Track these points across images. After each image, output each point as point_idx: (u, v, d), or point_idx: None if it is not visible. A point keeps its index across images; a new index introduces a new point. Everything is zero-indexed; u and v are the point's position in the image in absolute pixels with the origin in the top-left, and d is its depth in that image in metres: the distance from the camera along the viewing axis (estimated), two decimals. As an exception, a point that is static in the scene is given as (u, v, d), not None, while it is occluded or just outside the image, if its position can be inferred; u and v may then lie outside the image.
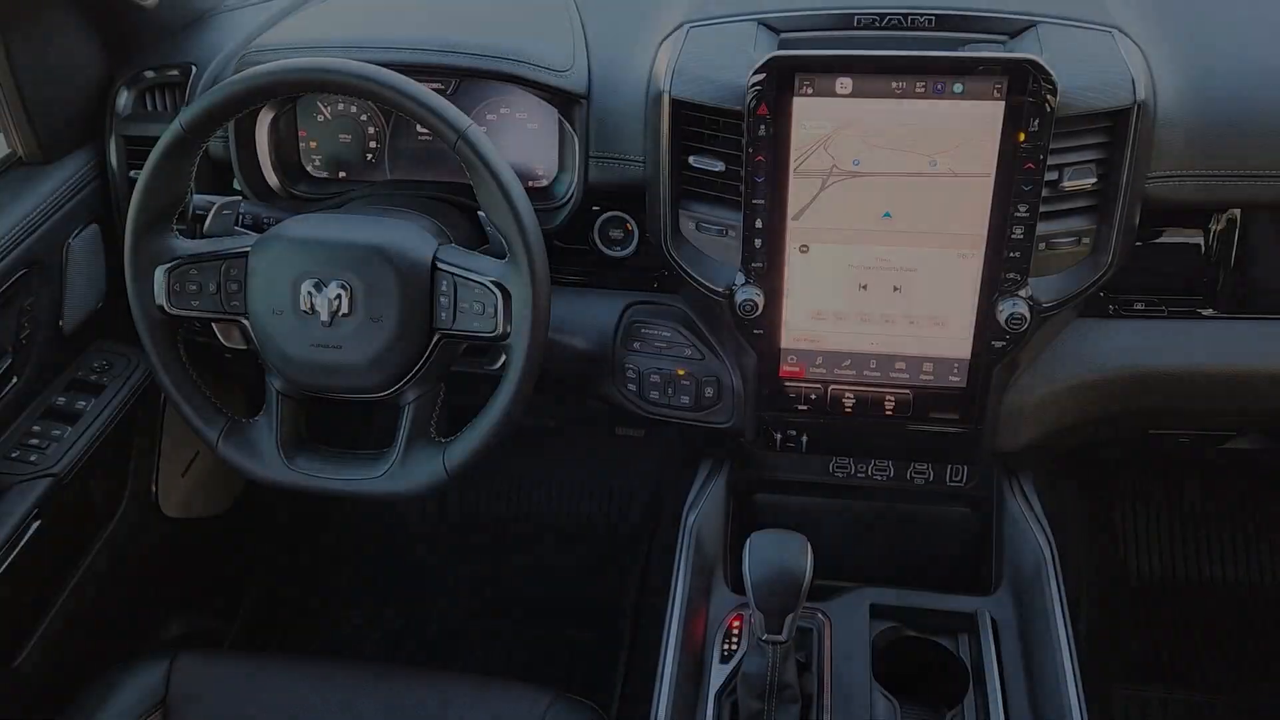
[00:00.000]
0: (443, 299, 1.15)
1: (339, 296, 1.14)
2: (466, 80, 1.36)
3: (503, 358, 1.17)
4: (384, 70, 1.10)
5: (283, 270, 1.16)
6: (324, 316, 1.14)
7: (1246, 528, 2.06)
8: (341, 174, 1.46)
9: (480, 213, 1.16)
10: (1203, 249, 1.27)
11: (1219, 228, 1.25)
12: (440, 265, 1.15)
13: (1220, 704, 1.84)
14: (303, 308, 1.15)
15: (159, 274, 1.19)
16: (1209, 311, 1.29)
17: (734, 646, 1.25)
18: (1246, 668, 1.92)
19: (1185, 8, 1.31)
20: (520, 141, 1.39)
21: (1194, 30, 1.26)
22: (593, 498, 2.25)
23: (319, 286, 1.14)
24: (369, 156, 1.45)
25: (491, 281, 1.13)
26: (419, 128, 1.42)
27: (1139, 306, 1.29)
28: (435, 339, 1.17)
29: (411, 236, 1.17)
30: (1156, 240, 1.27)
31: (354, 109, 1.43)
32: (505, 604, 2.09)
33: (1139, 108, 1.12)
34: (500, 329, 1.13)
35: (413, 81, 1.11)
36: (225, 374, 1.65)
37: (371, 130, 1.44)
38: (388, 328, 1.15)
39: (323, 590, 2.12)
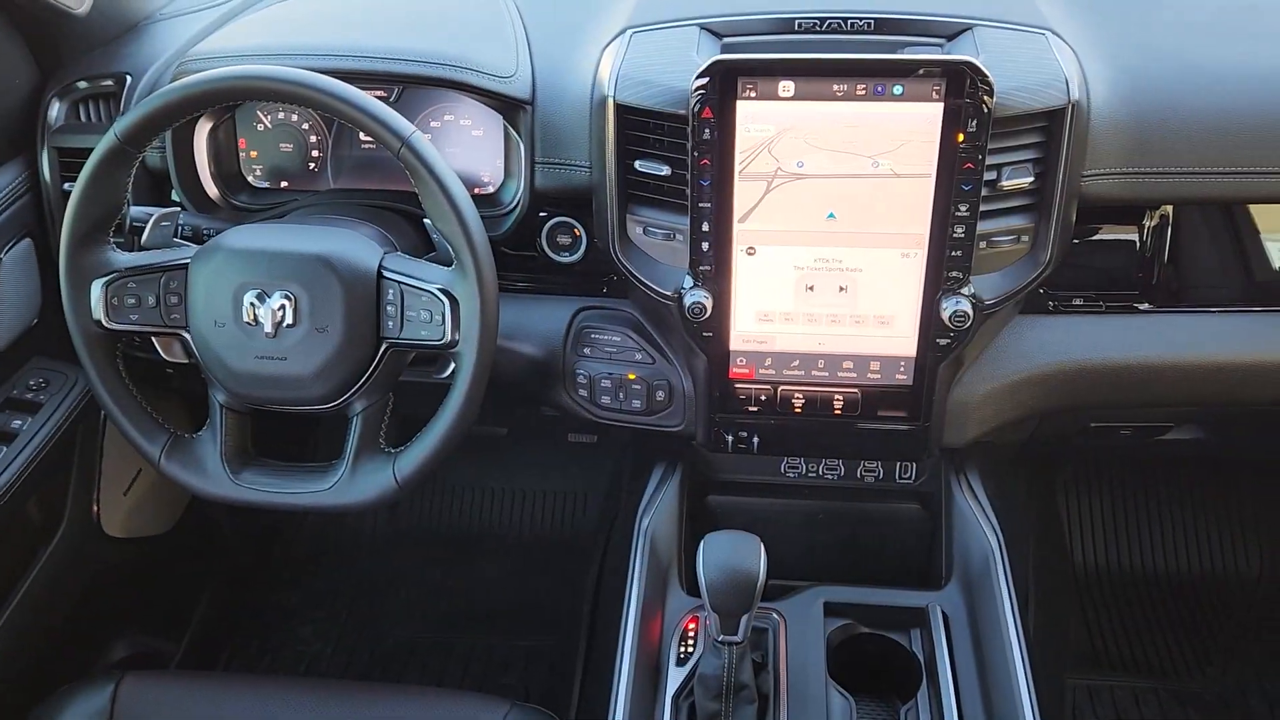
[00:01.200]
0: (389, 308, 1.14)
1: (283, 307, 1.13)
2: (410, 87, 1.35)
3: (452, 366, 1.16)
4: (325, 77, 1.09)
5: (224, 281, 1.14)
6: (268, 328, 1.13)
7: (1186, 517, 2.11)
8: (283, 184, 1.44)
9: (426, 220, 1.15)
10: (1137, 245, 1.30)
11: (1152, 224, 1.28)
12: (386, 274, 1.14)
13: (1164, 689, 1.89)
14: (245, 319, 1.13)
15: (96, 288, 1.16)
16: (1145, 306, 1.32)
17: (690, 648, 1.25)
18: (1190, 652, 1.97)
19: (1115, 10, 1.34)
20: (465, 148, 1.38)
21: (1124, 32, 1.30)
22: (546, 505, 2.25)
23: (262, 297, 1.13)
24: (311, 166, 1.43)
25: (439, 289, 1.12)
26: (362, 136, 1.41)
27: (1077, 302, 1.32)
28: (382, 348, 1.16)
29: (356, 245, 1.16)
30: (1093, 237, 1.30)
31: (295, 117, 1.42)
32: (460, 615, 2.08)
33: (1073, 108, 1.15)
34: (449, 337, 1.13)
35: (354, 89, 1.10)
36: (166, 389, 1.62)
37: (314, 139, 1.42)
38: (333, 338, 1.13)
39: (272, 606, 2.08)
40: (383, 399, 1.20)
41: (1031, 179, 1.17)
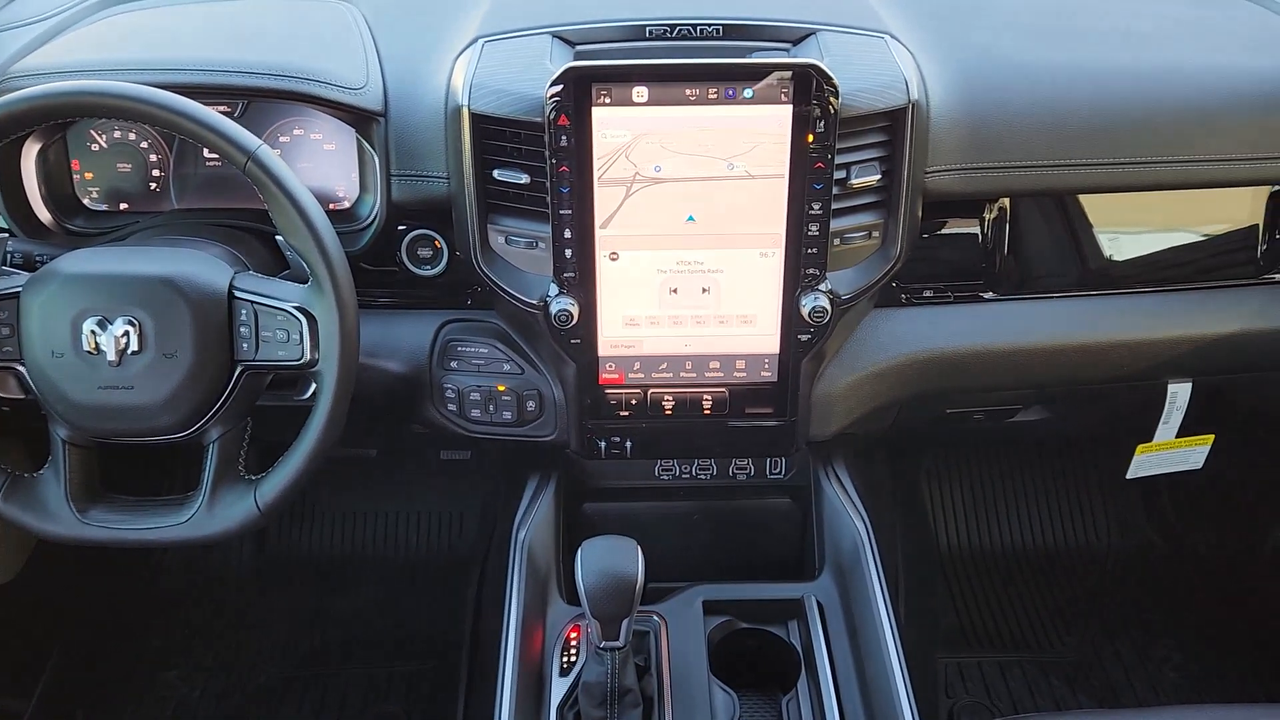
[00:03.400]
0: (243, 329, 1.11)
1: (126, 334, 1.07)
2: (255, 101, 1.30)
3: (312, 387, 1.13)
4: (162, 91, 1.05)
5: (60, 309, 1.08)
6: (111, 356, 1.07)
7: (1038, 494, 2.23)
8: (123, 205, 1.37)
9: (278, 237, 1.12)
10: (980, 237, 1.37)
11: (991, 216, 1.35)
12: (238, 293, 1.10)
13: (1028, 660, 1.98)
14: (86, 348, 1.08)
15: (-85, 322, 1.08)
16: (989, 295, 1.39)
17: (573, 658, 1.25)
18: (1049, 623, 2.07)
19: (949, 14, 1.41)
20: (318, 163, 1.35)
21: (957, 35, 1.36)
22: (421, 526, 2.20)
23: (103, 324, 1.07)
24: (153, 186, 1.37)
25: (294, 307, 1.09)
26: (206, 152, 1.36)
27: (928, 294, 1.38)
28: (237, 372, 1.12)
29: (204, 265, 1.12)
30: (940, 231, 1.36)
31: (132, 135, 1.35)
32: (337, 645, 2.02)
33: (913, 107, 1.20)
34: (307, 356, 1.09)
35: (194, 103, 1.06)
36: (1, 427, 1.52)
37: (154, 158, 1.36)
38: (183, 364, 1.09)
39: (132, 652, 1.97)
40: (240, 425, 1.15)
41: (879, 177, 1.22)
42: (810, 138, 1.16)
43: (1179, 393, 1.50)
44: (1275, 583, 2.01)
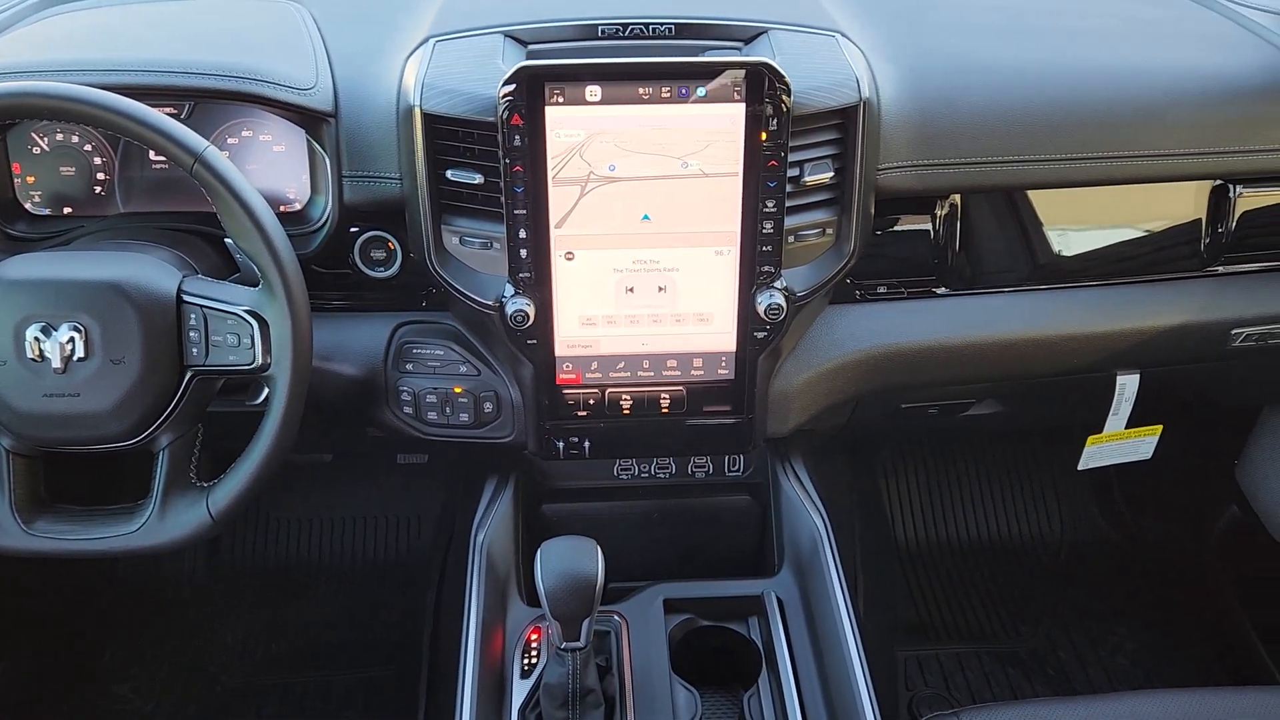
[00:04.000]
0: (192, 334, 1.09)
1: (72, 340, 1.05)
2: (203, 103, 1.28)
3: (265, 391, 1.12)
4: (103, 92, 1.03)
5: (2, 316, 1.06)
6: (56, 363, 1.05)
7: (993, 487, 2.26)
8: (67, 210, 1.34)
9: (227, 240, 1.10)
10: (932, 234, 1.38)
11: (943, 213, 1.37)
12: (186, 298, 1.08)
13: (985, 652, 2.01)
14: (30, 355, 1.05)
15: None
16: (942, 290, 1.41)
17: (534, 659, 1.24)
18: (1005, 615, 2.10)
19: (898, 13, 1.42)
20: (267, 165, 1.33)
21: (907, 33, 1.38)
22: (379, 531, 2.18)
23: (48, 331, 1.05)
24: (98, 190, 1.34)
25: (245, 311, 1.07)
26: (152, 154, 1.33)
27: (882, 290, 1.39)
28: (187, 377, 1.10)
29: (151, 269, 1.10)
30: (893, 228, 1.37)
31: (75, 138, 1.32)
32: (294, 653, 1.99)
33: (864, 105, 1.21)
34: (259, 360, 1.08)
35: (138, 104, 1.04)
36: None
37: (98, 161, 1.33)
38: (131, 370, 1.07)
39: (85, 664, 1.93)
40: (191, 431, 1.13)
41: (832, 174, 1.23)
42: (763, 136, 1.16)
43: (1127, 384, 1.52)
44: (1222, 570, 2.05)
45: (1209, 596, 2.05)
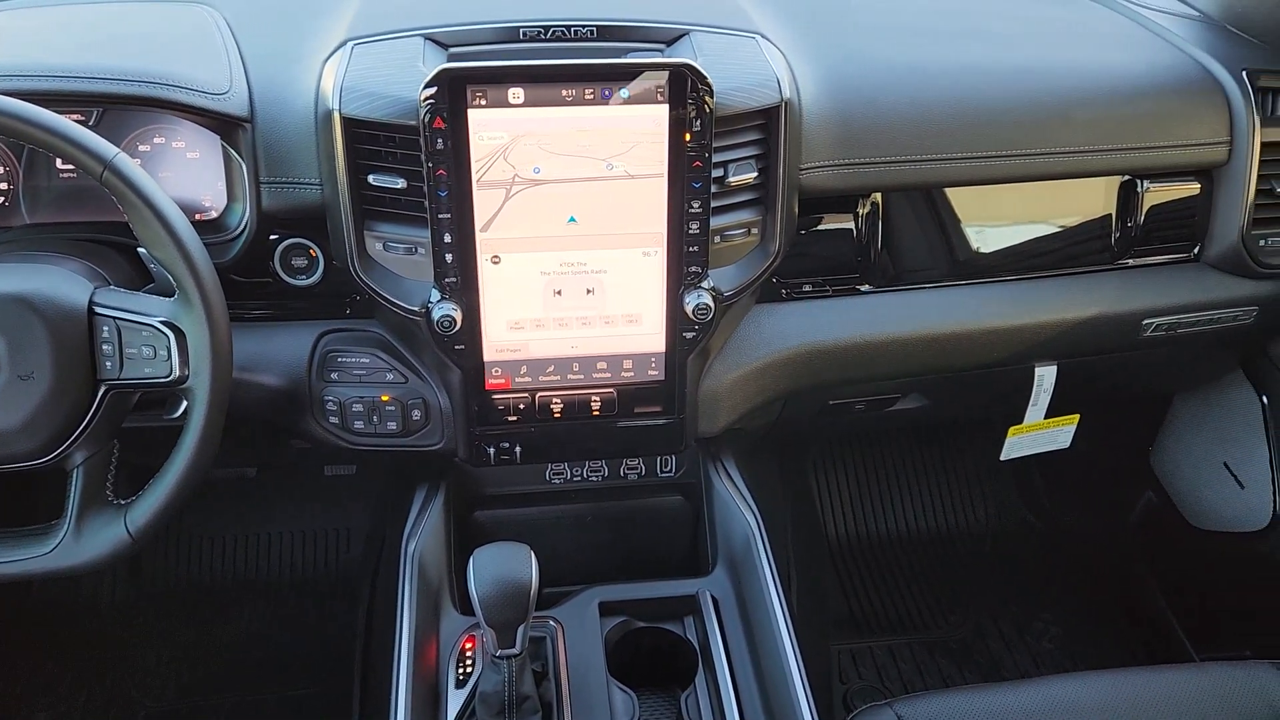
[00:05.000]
0: (105, 347, 1.05)
1: (-24, 356, 1.01)
2: (112, 109, 1.24)
3: (183, 405, 1.08)
4: (5, 98, 0.99)
5: None
6: (-40, 380, 1.01)
7: (920, 480, 2.31)
8: (-33, 221, 1.29)
9: (140, 250, 1.07)
10: (854, 232, 1.40)
11: (865, 211, 1.39)
12: (98, 310, 1.05)
13: (917, 642, 2.04)
14: (-68, 373, 1.01)
15: None
16: (866, 288, 1.43)
17: (469, 668, 1.23)
18: (935, 605, 2.14)
19: (817, 15, 1.45)
20: (181, 172, 1.29)
21: (827, 35, 1.40)
22: (307, 545, 2.14)
23: (-50, 347, 1.01)
24: (1, 200, 1.29)
25: (160, 321, 1.04)
26: (59, 163, 1.29)
27: (807, 288, 1.41)
28: (101, 392, 1.06)
29: (60, 281, 1.06)
30: (817, 227, 1.39)
31: (-25, 147, 1.27)
32: (222, 674, 1.94)
33: (785, 106, 1.22)
34: (176, 373, 1.05)
35: (43, 110, 1.00)
36: None
37: (1, 170, 1.28)
38: (40, 386, 1.03)
39: (-2, 693, 1.86)
40: (106, 447, 1.10)
41: (755, 174, 1.24)
42: (687, 137, 1.17)
43: (1045, 375, 1.57)
44: (1140, 554, 2.12)
45: (1128, 580, 2.12)
